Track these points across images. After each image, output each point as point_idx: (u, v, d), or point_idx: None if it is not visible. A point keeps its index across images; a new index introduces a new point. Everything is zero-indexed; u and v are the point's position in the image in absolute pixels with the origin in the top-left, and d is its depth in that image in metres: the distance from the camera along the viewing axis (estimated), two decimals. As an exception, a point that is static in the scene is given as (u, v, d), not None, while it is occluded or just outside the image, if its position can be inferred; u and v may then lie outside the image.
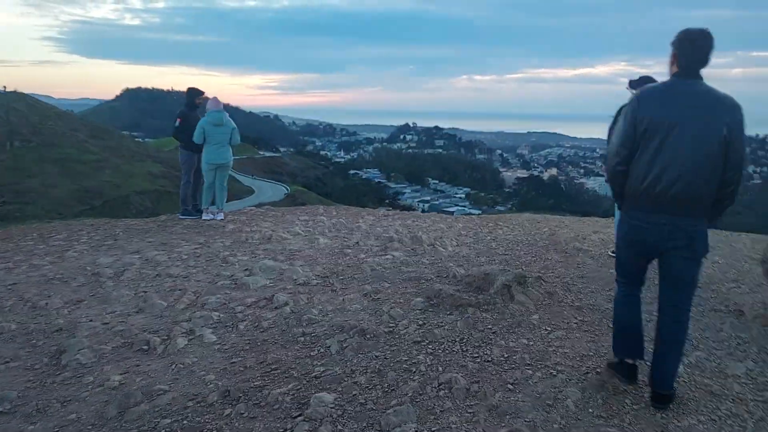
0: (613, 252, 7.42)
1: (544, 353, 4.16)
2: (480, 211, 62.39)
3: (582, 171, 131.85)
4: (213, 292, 5.39)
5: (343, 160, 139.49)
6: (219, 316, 4.84)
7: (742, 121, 3.05)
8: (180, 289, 5.47)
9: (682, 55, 3.09)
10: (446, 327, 4.58)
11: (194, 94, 9.35)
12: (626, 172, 3.21)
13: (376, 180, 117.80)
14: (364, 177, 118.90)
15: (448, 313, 4.88)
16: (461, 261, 6.47)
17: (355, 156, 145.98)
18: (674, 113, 3.03)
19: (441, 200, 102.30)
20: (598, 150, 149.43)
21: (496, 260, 6.47)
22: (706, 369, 4.00)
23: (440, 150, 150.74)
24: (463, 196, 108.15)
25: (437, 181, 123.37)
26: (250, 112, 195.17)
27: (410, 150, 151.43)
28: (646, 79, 6.23)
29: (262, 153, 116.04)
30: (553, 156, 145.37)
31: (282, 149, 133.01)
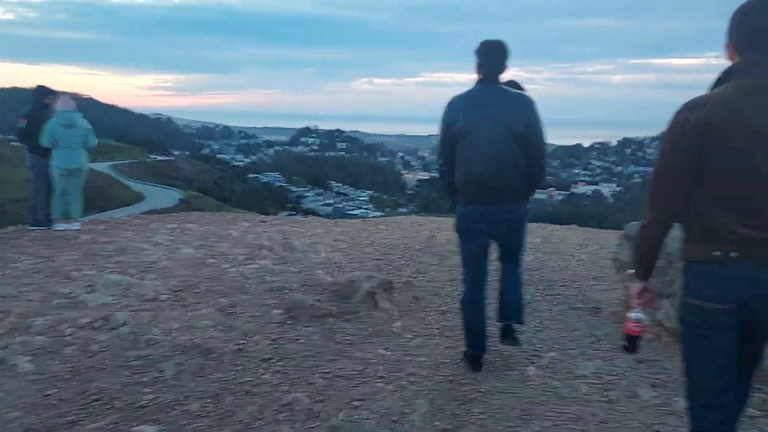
0: None
1: (399, 363, 4.01)
2: (383, 214, 62.93)
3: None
4: (43, 313, 4.79)
5: (242, 163, 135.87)
6: (43, 340, 4.28)
7: (537, 115, 3.56)
8: (2, 312, 4.82)
9: (483, 64, 3.59)
10: (301, 341, 4.33)
11: (42, 92, 8.48)
12: (451, 170, 3.69)
13: (278, 184, 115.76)
14: (264, 181, 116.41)
15: (307, 325, 4.63)
16: (332, 268, 6.25)
17: (255, 159, 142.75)
18: (478, 114, 3.51)
19: (344, 203, 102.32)
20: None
21: (368, 266, 6.32)
22: (557, 370, 4.02)
23: (342, 153, 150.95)
24: (366, 198, 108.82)
25: (340, 185, 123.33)
26: (141, 113, 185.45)
27: (312, 153, 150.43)
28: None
29: (153, 157, 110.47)
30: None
31: (176, 153, 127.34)
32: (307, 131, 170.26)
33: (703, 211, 2.12)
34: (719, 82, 2.19)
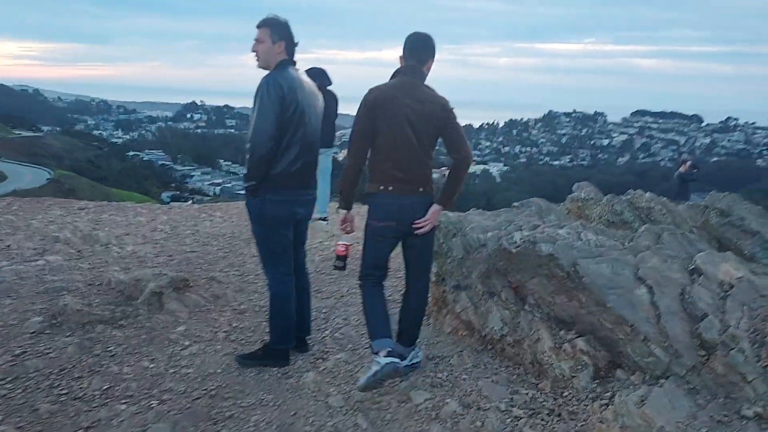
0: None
1: (158, 378, 3.57)
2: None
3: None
4: None
5: (120, 140, 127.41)
6: None
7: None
8: None
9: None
10: (51, 355, 3.76)
11: None
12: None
13: (160, 162, 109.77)
14: (145, 159, 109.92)
15: (69, 334, 4.05)
16: (132, 264, 5.65)
17: (136, 136, 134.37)
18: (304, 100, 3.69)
19: (234, 182, 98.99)
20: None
21: (176, 260, 5.78)
22: (338, 375, 3.76)
23: (232, 130, 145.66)
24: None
25: (230, 163, 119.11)
26: (2, 84, 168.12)
27: (199, 130, 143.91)
28: (315, 70, 7.12)
29: (18, 132, 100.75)
30: (345, 137, 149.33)
31: (45, 128, 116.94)
32: (193, 107, 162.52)
33: (375, 159, 3.40)
34: (393, 76, 3.44)
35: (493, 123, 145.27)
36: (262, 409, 3.30)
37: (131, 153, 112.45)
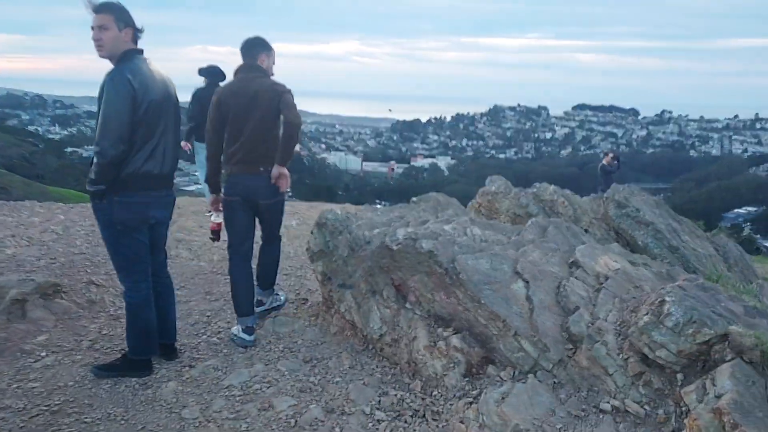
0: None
1: (-1, 394, 3.29)
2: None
3: (324, 146, 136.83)
4: None
5: (58, 136, 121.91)
6: None
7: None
8: None
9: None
10: None
11: None
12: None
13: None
14: (85, 156, 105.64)
15: None
16: (8, 268, 5.27)
17: (74, 132, 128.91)
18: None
19: (179, 178, 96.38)
20: (337, 125, 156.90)
21: (58, 263, 5.43)
22: (202, 383, 3.59)
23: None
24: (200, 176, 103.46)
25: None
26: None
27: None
28: (213, 69, 7.42)
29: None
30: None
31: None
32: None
33: (225, 147, 3.98)
34: (235, 74, 4.01)
35: (440, 117, 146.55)
36: (108, 424, 3.09)
37: (69, 149, 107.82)
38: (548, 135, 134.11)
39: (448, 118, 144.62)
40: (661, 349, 3.33)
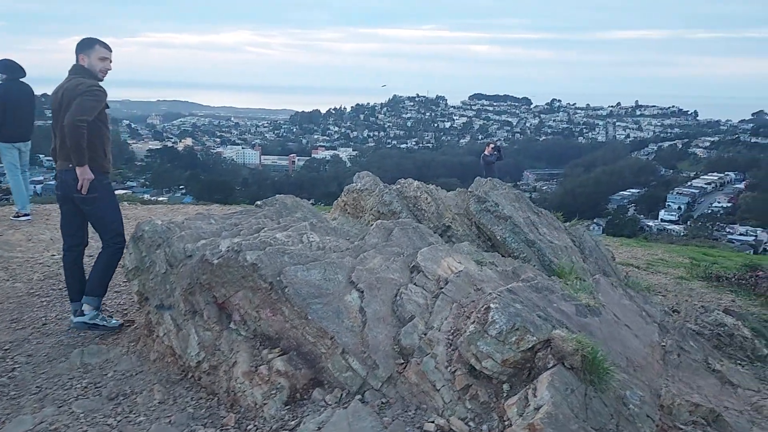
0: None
1: None
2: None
3: (218, 140, 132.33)
4: None
5: None
6: None
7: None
8: None
9: None
10: None
11: None
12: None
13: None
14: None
15: None
16: None
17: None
18: None
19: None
20: (233, 118, 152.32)
21: None
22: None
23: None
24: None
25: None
26: None
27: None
28: (7, 62, 7.21)
29: None
30: (187, 125, 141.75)
31: None
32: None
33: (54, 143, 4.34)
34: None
35: (340, 108, 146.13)
36: None
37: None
38: (447, 124, 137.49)
39: (348, 109, 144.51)
40: (487, 359, 3.20)
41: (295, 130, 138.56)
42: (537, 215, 6.78)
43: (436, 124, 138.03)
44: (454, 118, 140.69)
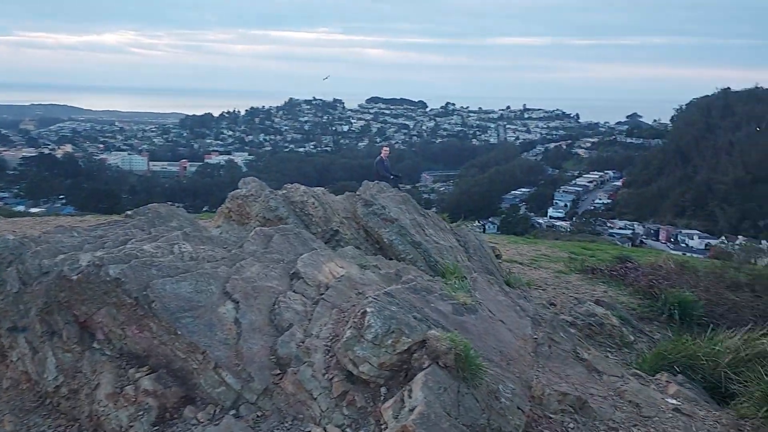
0: None
1: None
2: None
3: (102, 146, 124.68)
4: None
5: None
6: None
7: None
8: None
9: None
10: None
11: None
12: None
13: None
14: None
15: None
16: None
17: None
18: None
19: None
20: (117, 123, 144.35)
21: None
22: None
23: None
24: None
25: None
26: None
27: None
28: None
29: None
30: (66, 131, 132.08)
31: None
32: None
33: None
34: None
35: (234, 111, 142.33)
36: None
37: None
38: (345, 128, 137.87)
39: (243, 113, 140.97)
40: (364, 363, 3.20)
41: (185, 134, 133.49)
42: (424, 217, 6.93)
43: (334, 128, 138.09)
44: (352, 121, 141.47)
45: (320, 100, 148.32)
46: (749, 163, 70.09)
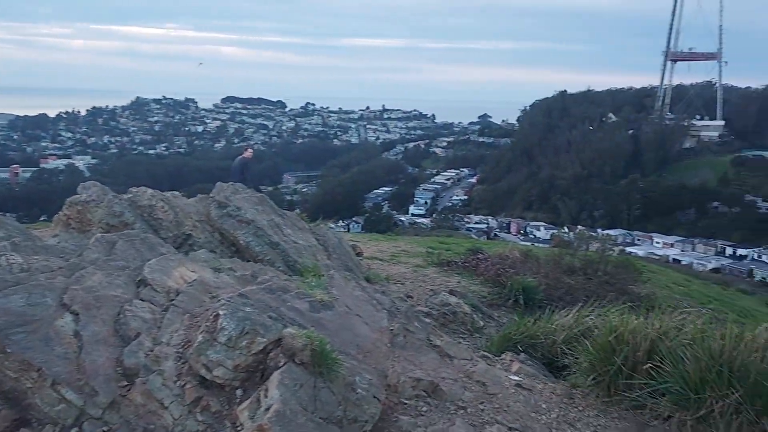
0: None
1: None
2: None
3: None
4: None
5: None
6: None
7: None
8: None
9: None
10: None
11: None
12: None
13: None
14: None
15: None
16: None
17: None
18: None
19: None
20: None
21: None
22: None
23: None
24: None
25: None
26: None
27: None
28: None
29: None
30: None
31: None
32: None
33: None
34: None
35: (73, 111, 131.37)
36: None
37: None
38: (200, 128, 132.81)
39: (83, 113, 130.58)
40: (218, 367, 3.17)
41: (16, 137, 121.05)
42: (281, 217, 6.94)
43: (187, 128, 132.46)
44: (207, 121, 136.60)
45: (171, 99, 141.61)
46: (584, 160, 77.88)
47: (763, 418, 3.36)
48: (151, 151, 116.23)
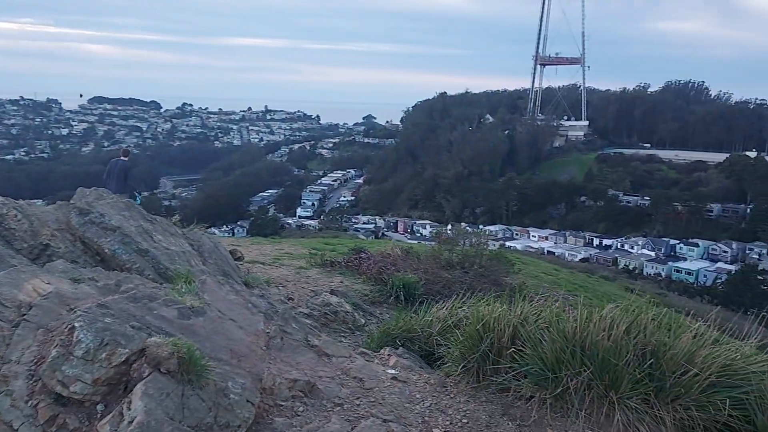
0: None
1: None
2: None
3: None
4: None
5: None
6: None
7: None
8: None
9: None
10: None
11: None
12: None
13: None
14: None
15: None
16: None
17: None
18: None
19: None
20: None
21: None
22: None
23: None
24: None
25: None
26: None
27: None
28: None
29: None
30: None
31: None
32: None
33: None
34: None
35: None
36: None
37: None
38: (65, 131, 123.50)
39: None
40: (75, 383, 3.01)
41: None
42: (151, 223, 6.64)
43: (50, 131, 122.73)
44: (73, 123, 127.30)
45: (30, 99, 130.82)
46: (465, 160, 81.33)
47: (610, 392, 3.70)
48: (8, 157, 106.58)
